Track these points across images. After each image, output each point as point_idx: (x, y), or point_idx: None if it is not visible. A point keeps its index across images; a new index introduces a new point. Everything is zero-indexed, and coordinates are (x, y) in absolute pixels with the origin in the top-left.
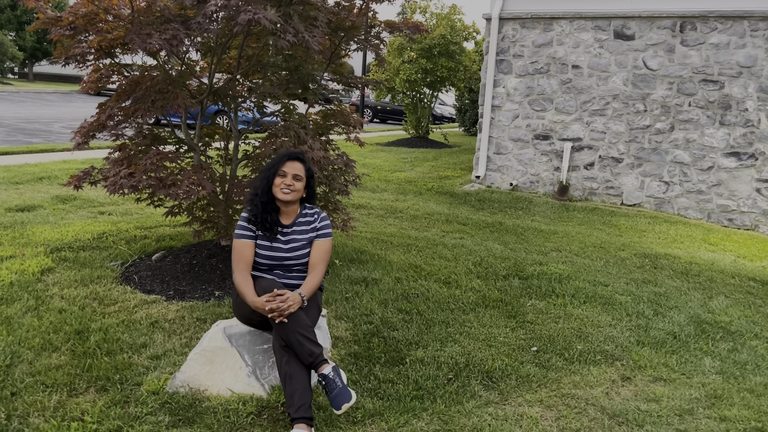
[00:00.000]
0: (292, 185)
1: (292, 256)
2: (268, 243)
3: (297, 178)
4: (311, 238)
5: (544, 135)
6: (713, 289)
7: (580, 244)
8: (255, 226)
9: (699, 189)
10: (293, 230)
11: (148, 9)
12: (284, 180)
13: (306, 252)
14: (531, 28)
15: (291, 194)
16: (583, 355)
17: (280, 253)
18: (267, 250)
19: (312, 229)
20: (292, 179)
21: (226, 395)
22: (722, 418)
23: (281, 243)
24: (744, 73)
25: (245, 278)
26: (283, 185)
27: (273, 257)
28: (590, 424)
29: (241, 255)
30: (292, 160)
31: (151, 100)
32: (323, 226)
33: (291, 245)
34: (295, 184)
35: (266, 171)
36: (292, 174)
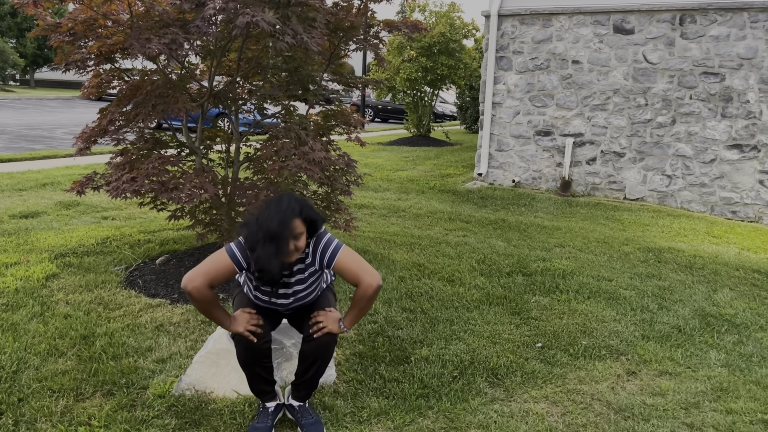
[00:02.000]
0: (293, 249)
1: (294, 304)
2: (267, 293)
3: (297, 237)
4: (315, 273)
5: (546, 131)
6: (718, 282)
7: (584, 239)
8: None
9: (702, 182)
10: (295, 279)
11: (147, 14)
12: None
13: (311, 294)
14: (530, 25)
15: (297, 253)
16: (588, 351)
17: (281, 307)
18: (266, 303)
19: (309, 263)
20: (293, 241)
21: (232, 397)
22: (728, 410)
23: (281, 297)
24: (745, 65)
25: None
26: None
27: (276, 304)
28: (596, 419)
29: (216, 271)
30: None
31: (152, 105)
32: (322, 247)
33: (295, 297)
34: (298, 244)
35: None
36: (293, 236)
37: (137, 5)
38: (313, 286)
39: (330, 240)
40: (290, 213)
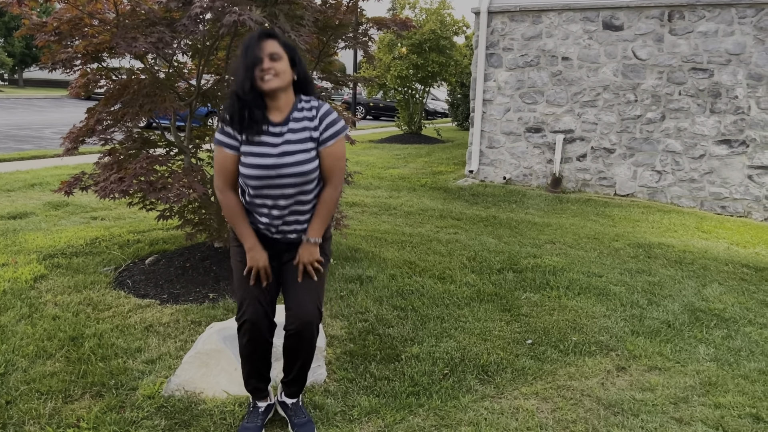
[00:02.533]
0: (270, 68)
1: (286, 163)
2: (254, 149)
3: (274, 57)
4: (313, 139)
5: (536, 128)
6: (707, 277)
7: (574, 235)
8: (233, 127)
9: (691, 177)
10: (287, 128)
11: (133, 12)
12: (260, 66)
13: (307, 161)
14: (520, 21)
15: (273, 79)
16: (578, 347)
17: (270, 159)
18: (253, 157)
19: (313, 127)
20: (269, 61)
21: (222, 397)
22: (717, 405)
23: (269, 146)
24: (733, 61)
25: (231, 199)
26: (261, 73)
27: (261, 166)
28: (586, 415)
29: (221, 166)
30: (261, 41)
31: (140, 104)
32: (330, 120)
33: (283, 148)
34: (275, 66)
35: (242, 65)
36: (267, 54)
37: (123, 4)
38: (309, 156)
39: (338, 118)
40: (259, 33)
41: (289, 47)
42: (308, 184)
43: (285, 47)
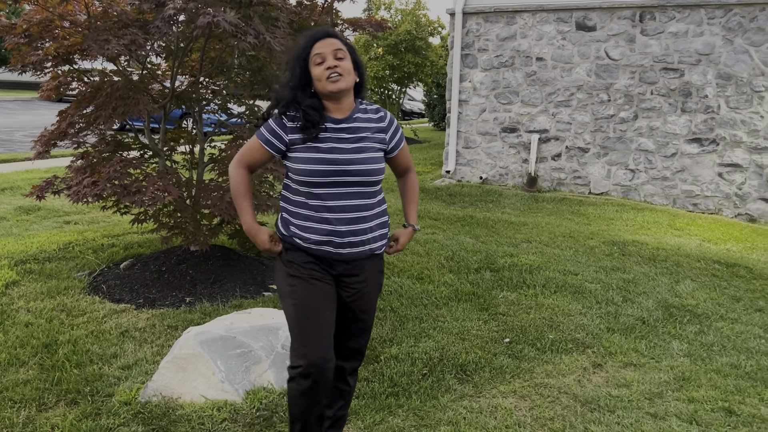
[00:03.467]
0: (338, 66)
1: (357, 159)
2: (317, 145)
3: (339, 56)
4: (382, 143)
5: (512, 128)
6: (680, 274)
7: (550, 234)
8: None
9: (664, 175)
10: (354, 125)
11: (105, 14)
12: (325, 64)
13: (378, 159)
14: (494, 22)
15: (342, 79)
16: (554, 344)
17: (344, 154)
18: (317, 152)
19: (381, 130)
20: (334, 59)
21: (199, 402)
22: (690, 399)
23: (335, 141)
24: (703, 61)
25: (243, 174)
26: (326, 72)
27: (329, 161)
28: (563, 412)
29: (249, 154)
30: (322, 39)
31: (112, 107)
32: (397, 126)
33: (358, 145)
34: (341, 64)
35: (293, 67)
36: (332, 51)
37: (94, 5)
38: (378, 155)
39: (400, 127)
40: (321, 31)
41: (350, 47)
42: (374, 185)
43: (347, 46)
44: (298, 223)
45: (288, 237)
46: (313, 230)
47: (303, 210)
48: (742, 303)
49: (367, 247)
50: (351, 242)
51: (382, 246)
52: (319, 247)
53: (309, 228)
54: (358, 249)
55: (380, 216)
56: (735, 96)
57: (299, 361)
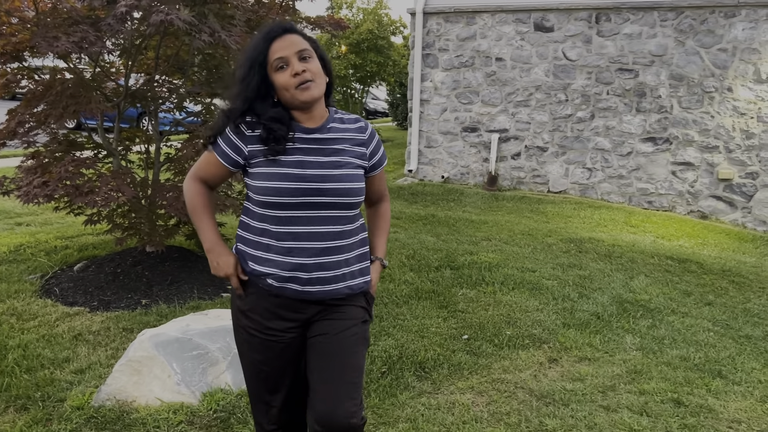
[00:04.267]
0: (306, 70)
1: (333, 176)
2: (283, 158)
3: (305, 56)
4: (362, 159)
5: (472, 127)
6: (634, 270)
7: (509, 232)
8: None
9: (620, 174)
10: (328, 136)
11: (54, 10)
12: (290, 69)
13: (357, 177)
14: (455, 22)
15: (313, 85)
16: (512, 340)
17: (316, 170)
18: (284, 167)
19: (360, 142)
20: (299, 62)
21: (155, 405)
22: (642, 391)
23: (314, 154)
24: (656, 62)
25: (198, 186)
26: (294, 80)
27: (299, 177)
28: (519, 407)
29: (205, 169)
30: (280, 36)
31: (63, 106)
32: (378, 141)
33: (333, 158)
34: (309, 67)
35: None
36: (295, 53)
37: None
38: (358, 173)
39: (381, 141)
40: (280, 25)
41: (314, 42)
42: (353, 208)
43: (309, 41)
44: (257, 256)
45: (248, 273)
46: (275, 264)
47: (263, 239)
48: (692, 297)
49: (343, 284)
50: (321, 278)
51: (365, 283)
52: (282, 285)
53: (270, 261)
54: (330, 287)
55: (359, 246)
56: (687, 96)
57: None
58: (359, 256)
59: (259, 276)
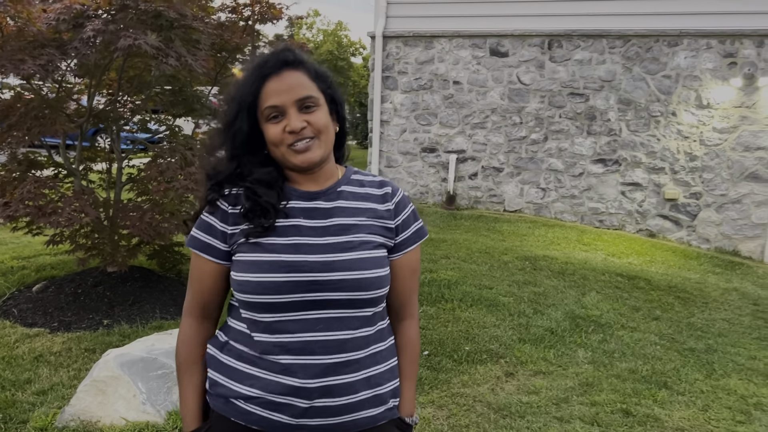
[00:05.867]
0: (306, 127)
1: (346, 262)
2: (272, 240)
3: (308, 104)
4: (384, 236)
5: (431, 148)
6: (586, 286)
7: (467, 250)
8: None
9: (572, 194)
10: (339, 206)
11: (20, 33)
12: (285, 124)
13: (378, 261)
14: (413, 46)
15: (315, 145)
16: (470, 356)
17: (318, 255)
18: (271, 254)
19: (383, 214)
20: (298, 114)
21: (120, 425)
22: (593, 403)
23: (316, 233)
24: (605, 87)
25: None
26: (288, 138)
27: (292, 266)
28: (478, 420)
29: (193, 277)
30: (276, 73)
31: (27, 127)
32: (411, 212)
33: (343, 238)
34: (312, 120)
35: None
36: (294, 101)
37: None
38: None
39: (414, 209)
40: (281, 55)
41: (323, 79)
42: (372, 305)
43: (319, 80)
44: (236, 369)
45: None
46: (262, 384)
47: (246, 349)
48: (641, 312)
49: (357, 415)
50: (325, 408)
51: (390, 411)
52: (270, 415)
53: (254, 379)
54: (337, 419)
55: (384, 358)
56: (634, 120)
57: None
58: (385, 374)
59: (232, 399)
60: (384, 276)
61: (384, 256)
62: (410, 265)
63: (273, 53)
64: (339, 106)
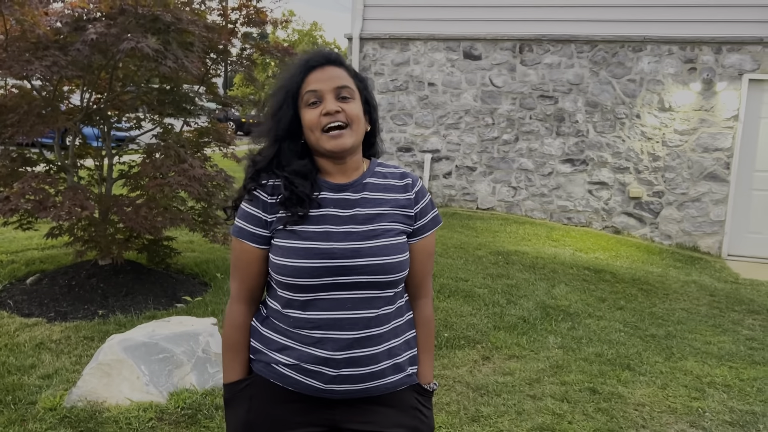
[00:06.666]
0: (340, 111)
1: (371, 249)
2: (305, 228)
3: (344, 95)
4: (404, 223)
5: (407, 147)
6: (555, 279)
7: (443, 245)
8: (273, 201)
9: (542, 192)
10: (365, 197)
11: (23, 35)
12: (322, 107)
13: (399, 248)
14: (390, 48)
15: (346, 133)
16: (449, 342)
17: (347, 242)
18: (303, 241)
19: (404, 203)
20: (334, 100)
21: (125, 404)
22: (563, 382)
23: (344, 222)
24: (573, 90)
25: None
26: (323, 120)
27: (322, 253)
28: (458, 398)
29: (236, 263)
30: (320, 66)
31: (30, 124)
32: (428, 202)
33: (369, 227)
34: (347, 108)
35: (278, 108)
36: (333, 89)
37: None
38: (400, 241)
39: (431, 199)
40: (324, 54)
41: (361, 80)
42: (393, 286)
43: (357, 79)
44: (274, 340)
45: (257, 367)
46: (297, 354)
47: (282, 324)
48: (606, 303)
49: (379, 382)
50: (351, 376)
51: (409, 377)
52: (303, 379)
53: (290, 350)
54: (361, 385)
55: (402, 331)
56: (601, 122)
57: None
58: (402, 345)
59: (272, 364)
60: (404, 260)
61: (404, 242)
62: (427, 249)
63: (318, 52)
64: (372, 108)
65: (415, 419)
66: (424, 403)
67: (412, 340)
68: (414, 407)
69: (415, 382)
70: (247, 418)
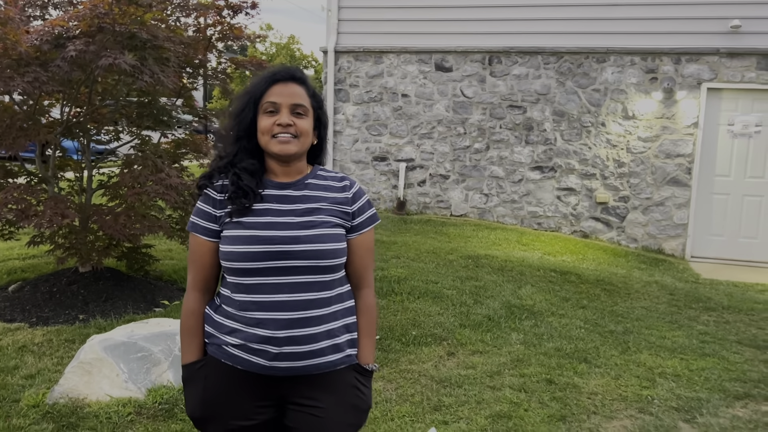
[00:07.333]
0: (291, 125)
1: (309, 236)
2: (248, 219)
3: (298, 111)
4: (342, 219)
5: (382, 157)
6: (522, 281)
7: (416, 251)
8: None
9: (512, 199)
10: (304, 194)
11: (6, 53)
12: (277, 118)
13: (337, 237)
14: (364, 61)
15: (294, 142)
16: (417, 339)
17: (286, 230)
18: (247, 229)
19: (341, 201)
20: (289, 114)
21: (105, 400)
22: (522, 375)
23: (284, 214)
24: (541, 100)
25: (189, 302)
26: (275, 129)
27: (264, 239)
28: (422, 390)
29: (192, 256)
30: (284, 81)
31: (12, 137)
32: (366, 201)
33: (306, 218)
34: (298, 123)
35: (241, 109)
36: (289, 105)
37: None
38: (338, 233)
39: (370, 200)
40: (286, 69)
41: (317, 100)
42: (331, 272)
43: (313, 99)
44: (224, 324)
45: (210, 349)
46: (242, 335)
47: (231, 309)
48: (570, 302)
49: (318, 360)
50: (292, 353)
51: (348, 357)
52: (249, 357)
53: (237, 332)
54: (302, 363)
55: (342, 315)
56: (568, 130)
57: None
58: (341, 328)
59: (223, 346)
60: (339, 248)
61: (340, 233)
62: (365, 244)
63: (286, 68)
64: (322, 126)
65: (354, 397)
66: (363, 382)
67: (351, 325)
68: (353, 386)
69: (354, 362)
70: (204, 396)
